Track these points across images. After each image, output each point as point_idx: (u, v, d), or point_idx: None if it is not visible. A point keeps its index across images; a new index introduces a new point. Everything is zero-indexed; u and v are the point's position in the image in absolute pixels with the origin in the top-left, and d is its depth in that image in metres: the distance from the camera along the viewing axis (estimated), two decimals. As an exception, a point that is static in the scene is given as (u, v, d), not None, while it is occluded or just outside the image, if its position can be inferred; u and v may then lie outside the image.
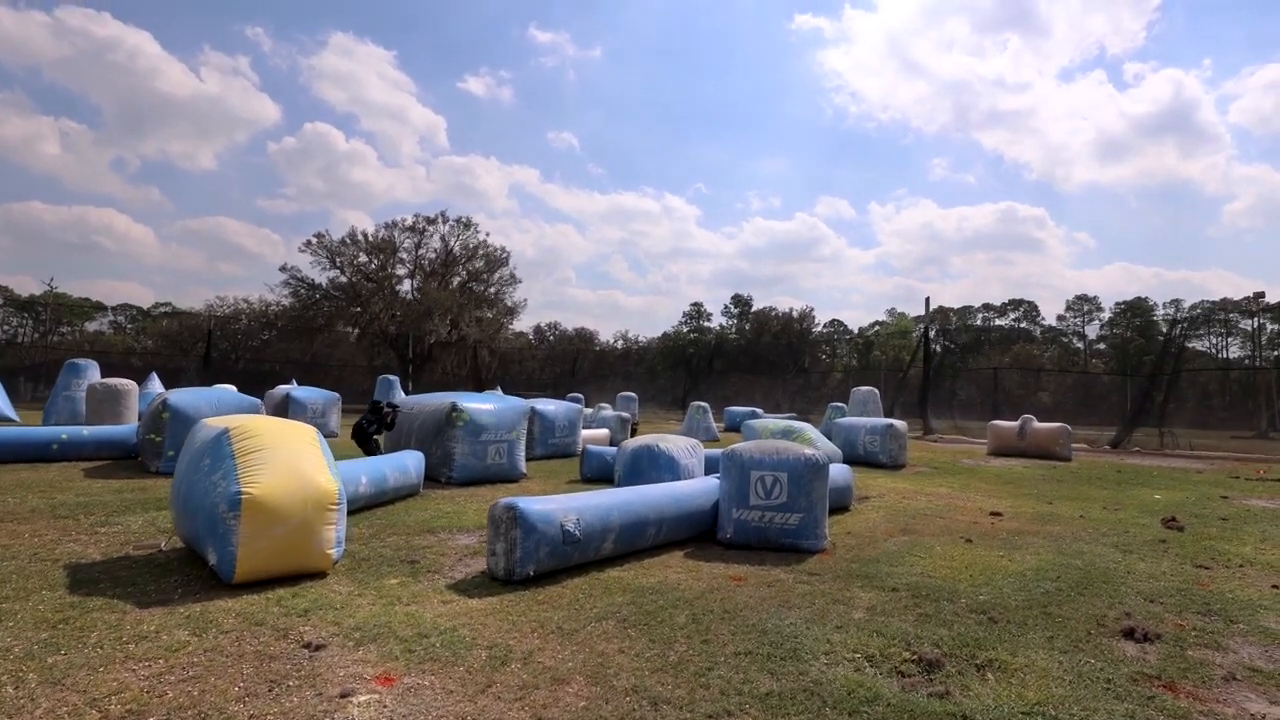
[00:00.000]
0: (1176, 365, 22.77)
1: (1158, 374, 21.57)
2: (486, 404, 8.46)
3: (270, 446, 4.11)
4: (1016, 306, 53.91)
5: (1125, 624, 3.36)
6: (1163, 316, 46.98)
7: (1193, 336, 44.12)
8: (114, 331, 57.14)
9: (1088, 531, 5.97)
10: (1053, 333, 50.90)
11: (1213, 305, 46.05)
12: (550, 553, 4.06)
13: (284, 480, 3.93)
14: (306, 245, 35.65)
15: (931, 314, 52.83)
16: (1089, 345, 49.78)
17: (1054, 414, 26.73)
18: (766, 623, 3.35)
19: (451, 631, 3.18)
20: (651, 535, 4.76)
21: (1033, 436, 13.60)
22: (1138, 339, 45.25)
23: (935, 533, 5.77)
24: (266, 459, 4.00)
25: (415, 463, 7.05)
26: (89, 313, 57.55)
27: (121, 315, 60.51)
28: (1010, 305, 54.25)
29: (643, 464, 6.11)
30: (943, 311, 52.75)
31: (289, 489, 3.91)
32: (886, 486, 8.78)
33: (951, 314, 53.61)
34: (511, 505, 4.03)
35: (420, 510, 6.27)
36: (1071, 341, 50.42)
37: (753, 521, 4.96)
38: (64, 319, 55.89)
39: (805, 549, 4.87)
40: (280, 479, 3.91)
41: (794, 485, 4.90)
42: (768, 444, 5.15)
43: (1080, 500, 8.00)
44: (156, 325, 51.90)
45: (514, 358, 45.10)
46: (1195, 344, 44.27)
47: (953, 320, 52.53)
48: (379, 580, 4.01)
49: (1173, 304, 48.84)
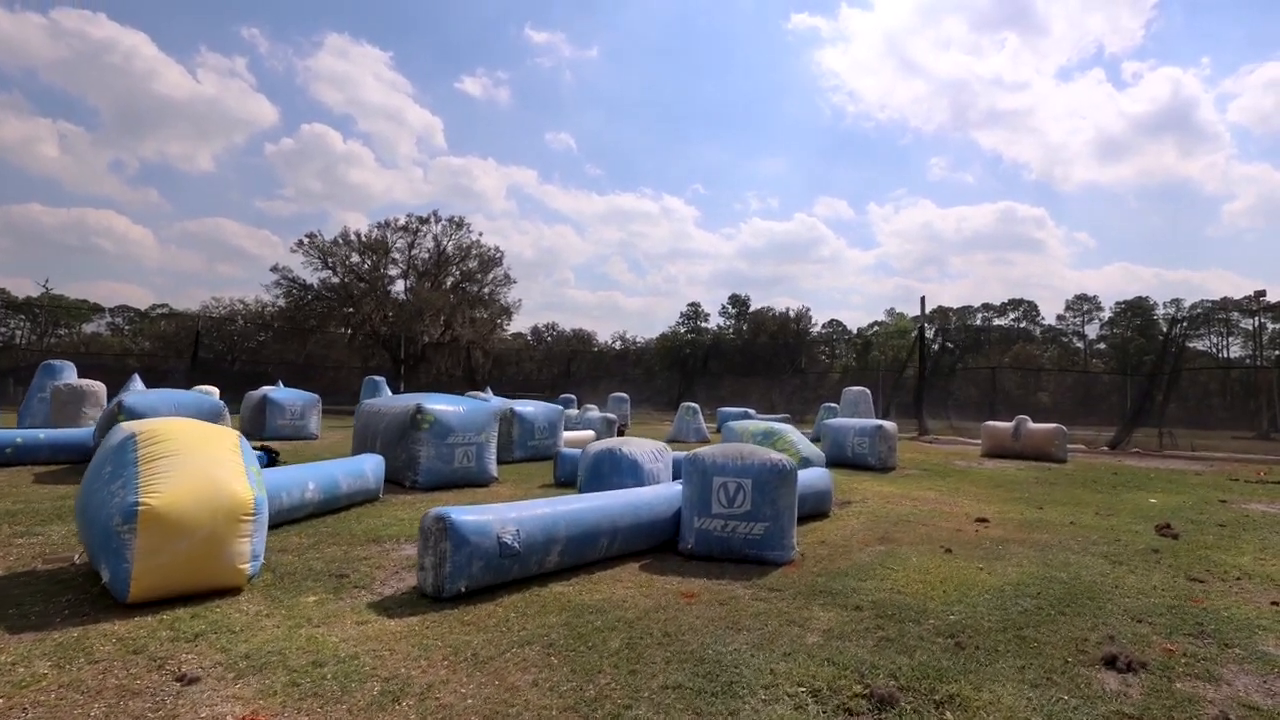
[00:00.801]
0: (1177, 365, 22.40)
1: (1157, 373, 21.20)
2: (453, 405, 8.13)
3: (179, 452, 3.78)
4: (1016, 306, 53.54)
5: (1107, 650, 3.01)
6: (1163, 316, 46.60)
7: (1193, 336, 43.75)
8: (111, 333, 56.92)
9: (1077, 540, 5.62)
10: (1053, 332, 50.52)
11: (1213, 305, 45.64)
12: (485, 567, 3.73)
13: (190, 489, 3.59)
14: (299, 245, 35.37)
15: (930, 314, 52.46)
16: (1089, 345, 49.40)
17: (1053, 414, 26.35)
18: (708, 649, 3.01)
19: (351, 660, 2.84)
20: (604, 546, 4.42)
21: (1027, 438, 13.25)
22: (1138, 339, 44.86)
23: (914, 541, 5.42)
24: (173, 466, 3.67)
25: (374, 467, 6.72)
26: (86, 314, 57.35)
27: (119, 317, 60.32)
28: (1010, 305, 53.88)
29: (604, 469, 5.77)
30: (942, 312, 52.39)
31: (195, 499, 3.57)
32: (872, 490, 8.44)
33: (951, 314, 53.24)
34: (442, 516, 3.70)
35: (374, 517, 5.94)
36: (1071, 341, 50.04)
37: (715, 531, 4.62)
38: (61, 321, 55.70)
39: (771, 561, 4.53)
40: (186, 488, 3.58)
41: (758, 493, 4.56)
42: (732, 448, 4.81)
43: (1072, 505, 7.65)
44: (154, 327, 51.67)
45: (511, 359, 44.75)
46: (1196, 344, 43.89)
47: (952, 320, 52.16)
48: (296, 598, 3.68)
49: (1173, 303, 48.47)
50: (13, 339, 53.11)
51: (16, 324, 54.95)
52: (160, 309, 58.69)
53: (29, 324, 54.33)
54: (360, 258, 36.13)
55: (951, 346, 49.03)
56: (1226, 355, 44.39)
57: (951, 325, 50.64)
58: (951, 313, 53.33)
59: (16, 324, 54.95)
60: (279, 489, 5.38)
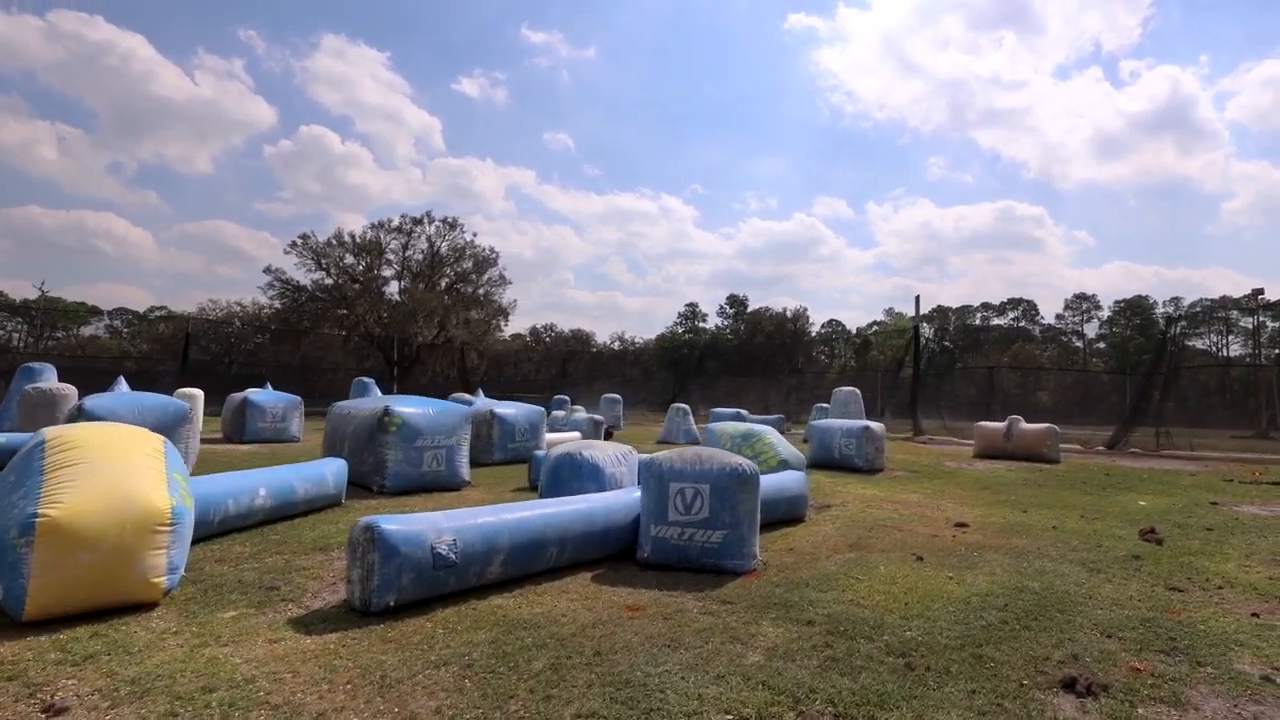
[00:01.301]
0: (1175, 363, 22.13)
1: (1155, 372, 20.92)
2: (422, 407, 7.91)
3: (90, 460, 3.56)
4: (1015, 305, 53.27)
5: (1068, 672, 2.78)
6: (1162, 315, 46.27)
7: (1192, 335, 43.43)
8: (110, 336, 56.79)
9: (1056, 546, 5.38)
10: (1052, 332, 50.23)
11: (1212, 303, 45.34)
12: (417, 580, 3.51)
13: (97, 499, 3.38)
14: (292, 246, 35.20)
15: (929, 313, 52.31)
16: (1088, 344, 49.10)
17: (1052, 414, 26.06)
18: (637, 670, 2.78)
19: (246, 685, 2.62)
20: (552, 556, 4.19)
21: (1020, 438, 13.01)
22: (1137, 338, 44.55)
23: (887, 548, 5.19)
24: (80, 474, 3.45)
25: (334, 471, 6.50)
26: (84, 317, 57.25)
27: (117, 320, 60.24)
28: (1009, 304, 53.61)
29: (564, 473, 5.55)
30: (941, 311, 52.14)
31: (103, 509, 3.35)
32: (854, 493, 8.21)
33: (950, 314, 52.97)
34: (370, 526, 3.48)
35: (329, 524, 5.72)
36: (1071, 341, 49.75)
37: (672, 539, 4.39)
38: (58, 323, 55.57)
39: (729, 570, 4.31)
40: (91, 498, 3.36)
41: (717, 499, 4.34)
42: (690, 452, 4.58)
43: (1058, 508, 7.41)
44: (152, 329, 51.53)
45: (509, 360, 44.54)
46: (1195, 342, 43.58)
47: (951, 320, 51.89)
48: (213, 613, 3.46)
49: (1172, 302, 48.15)
50: (9, 341, 53.04)
51: (14, 326, 54.91)
52: (158, 311, 58.61)
53: (26, 326, 54.27)
54: (354, 259, 35.95)
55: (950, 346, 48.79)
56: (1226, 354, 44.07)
57: (950, 325, 50.40)
58: (951, 312, 53.08)
59: (14, 326, 54.91)
60: (226, 495, 5.17)
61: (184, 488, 3.91)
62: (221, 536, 5.14)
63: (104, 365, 38.22)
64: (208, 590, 3.84)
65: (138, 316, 58.97)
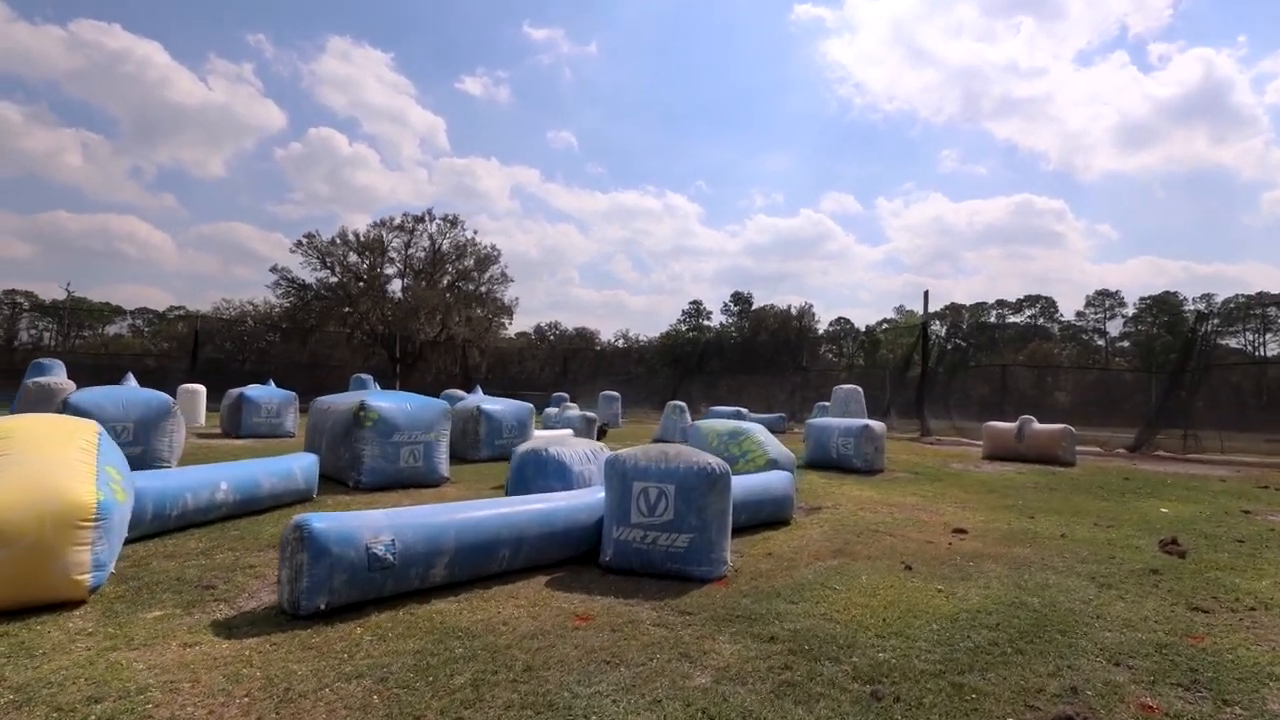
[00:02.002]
0: (1205, 362, 21.34)
1: (1183, 371, 20.17)
2: (400, 402, 7.70)
3: (14, 452, 3.38)
4: (1033, 302, 52.13)
5: (1063, 709, 2.45)
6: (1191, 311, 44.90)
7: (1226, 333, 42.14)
8: (132, 334, 57.80)
9: (1063, 556, 5.02)
10: (1071, 329, 49.06)
11: (1248, 299, 43.82)
12: (350, 582, 3.26)
13: (15, 493, 3.18)
14: (297, 246, 35.40)
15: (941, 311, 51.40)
16: (1110, 343, 47.90)
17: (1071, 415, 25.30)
18: (565, 690, 2.51)
19: (138, 695, 2.39)
20: (505, 558, 3.93)
21: (1032, 439, 12.54)
22: (1164, 336, 43.31)
23: (873, 555, 4.87)
24: (2, 467, 3.25)
25: (304, 466, 6.30)
26: (109, 317, 58.34)
27: (139, 319, 61.33)
28: (1026, 301, 52.48)
29: (529, 471, 5.29)
30: (954, 308, 51.21)
31: (19, 505, 3.15)
32: (848, 495, 7.87)
33: (963, 311, 52.00)
34: (300, 524, 3.24)
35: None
36: (1092, 339, 48.59)
37: (634, 542, 4.11)
38: (84, 323, 56.70)
39: (695, 577, 4.02)
40: (10, 491, 3.17)
41: (682, 500, 4.05)
42: (656, 450, 4.29)
43: (1069, 514, 7.01)
44: (171, 328, 52.34)
45: (514, 358, 44.48)
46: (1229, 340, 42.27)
47: (964, 317, 50.94)
48: (138, 612, 3.25)
49: (1203, 298, 46.76)
50: (40, 340, 54.19)
51: (45, 326, 56.11)
52: (176, 311, 59.47)
53: (56, 326, 55.46)
54: (358, 257, 36.04)
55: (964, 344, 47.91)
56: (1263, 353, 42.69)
57: (964, 322, 49.47)
58: (964, 309, 52.09)
59: (45, 326, 56.11)
60: (184, 489, 4.99)
61: (118, 482, 3.71)
62: (180, 531, 4.96)
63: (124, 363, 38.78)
64: (141, 588, 3.63)
65: (158, 316, 60.02)
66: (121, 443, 7.41)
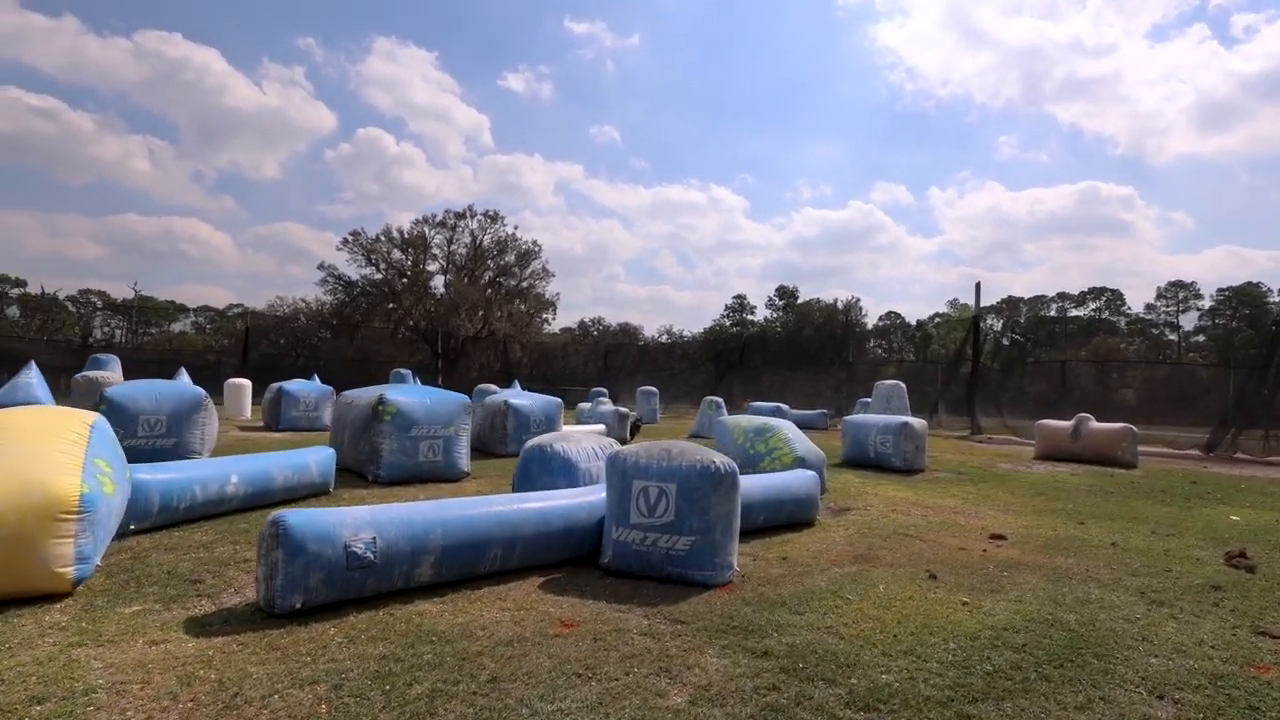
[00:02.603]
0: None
1: (1266, 366, 18.66)
2: (419, 396, 7.66)
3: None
4: (1098, 295, 49.47)
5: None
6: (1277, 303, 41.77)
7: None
8: (195, 331, 60.76)
9: (1111, 568, 4.56)
10: (1141, 324, 46.32)
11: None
12: (327, 580, 3.14)
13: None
14: (343, 244, 36.33)
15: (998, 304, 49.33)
16: (1184, 337, 45.02)
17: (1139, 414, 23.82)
18: (526, 705, 2.31)
19: (84, 696, 2.30)
20: (497, 558, 3.76)
21: (1089, 438, 11.75)
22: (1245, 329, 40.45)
23: (898, 562, 4.51)
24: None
25: (320, 459, 6.29)
26: (173, 314, 61.47)
27: (201, 316, 64.39)
28: (1090, 294, 49.84)
29: (533, 468, 5.11)
30: (1011, 302, 49.04)
31: (1, 495, 3.13)
32: (882, 495, 7.45)
33: (1021, 304, 49.76)
34: (276, 520, 3.13)
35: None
36: (1163, 333, 45.81)
37: (634, 544, 3.88)
38: (151, 320, 59.89)
39: (696, 582, 3.76)
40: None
41: (684, 500, 3.79)
42: (658, 447, 4.05)
43: (1125, 520, 6.46)
44: (230, 325, 54.81)
45: (558, 353, 44.73)
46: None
47: (1023, 311, 48.74)
48: (117, 607, 3.20)
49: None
50: (112, 337, 57.49)
51: (116, 324, 59.49)
52: (235, 308, 62.15)
53: (126, 324, 58.74)
54: (402, 254, 36.76)
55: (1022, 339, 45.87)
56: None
57: (1021, 316, 47.32)
58: (1022, 303, 49.83)
59: (116, 324, 59.49)
60: (192, 482, 4.99)
61: (106, 474, 3.68)
62: (191, 524, 4.98)
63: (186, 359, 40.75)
64: (129, 581, 3.60)
65: (218, 313, 62.86)
66: (154, 435, 7.61)
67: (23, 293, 52.65)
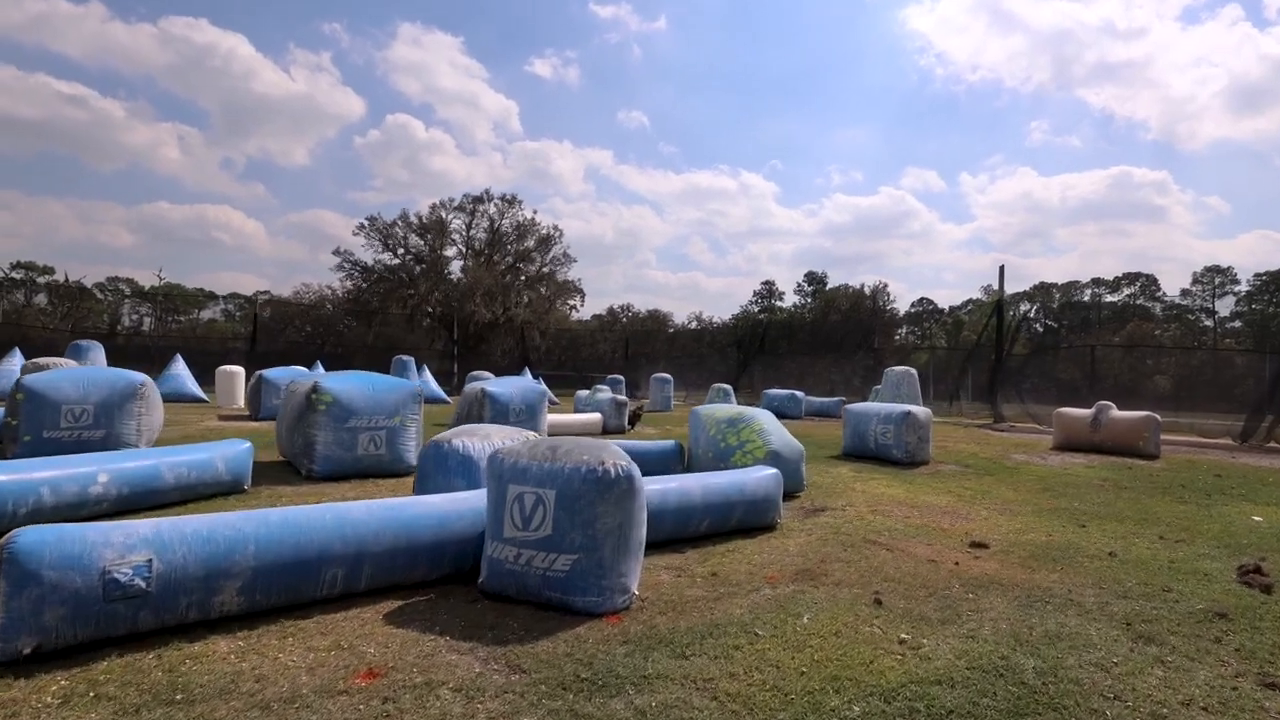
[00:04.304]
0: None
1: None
2: (360, 384, 7.06)
3: None
4: (1132, 280, 47.23)
5: None
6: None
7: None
8: (225, 319, 61.48)
9: (1100, 587, 3.78)
10: (1176, 309, 44.12)
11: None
12: (74, 616, 2.50)
13: None
14: (360, 228, 36.08)
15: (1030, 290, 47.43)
16: (1220, 323, 42.77)
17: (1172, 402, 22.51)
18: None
19: None
20: (337, 579, 3.13)
21: (1110, 428, 10.77)
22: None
23: (848, 580, 3.78)
24: None
25: (230, 455, 5.74)
26: (202, 301, 62.30)
27: (230, 304, 65.13)
28: (1125, 279, 47.60)
29: (428, 466, 4.45)
30: (1043, 288, 47.10)
31: None
32: (869, 493, 6.69)
33: (1054, 290, 47.75)
34: (6, 540, 2.52)
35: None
36: (1198, 319, 43.59)
37: (508, 562, 3.22)
38: (179, 307, 60.78)
39: (578, 610, 3.09)
40: None
41: (563, 510, 3.11)
42: (544, 445, 3.37)
43: (1134, 522, 5.61)
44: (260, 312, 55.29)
45: (586, 340, 44.20)
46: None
47: (1055, 297, 46.80)
48: None
49: (1334, 272, 40.98)
50: (140, 325, 58.45)
51: (145, 311, 60.45)
52: (263, 295, 62.84)
53: (155, 311, 59.66)
54: (419, 239, 36.40)
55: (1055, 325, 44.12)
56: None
57: (1054, 302, 45.43)
58: (1055, 289, 47.81)
59: (145, 311, 60.45)
60: (36, 485, 4.34)
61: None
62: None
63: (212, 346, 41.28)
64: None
65: (247, 300, 63.52)
66: (80, 426, 7.14)
67: (50, 280, 53.72)
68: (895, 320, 45.24)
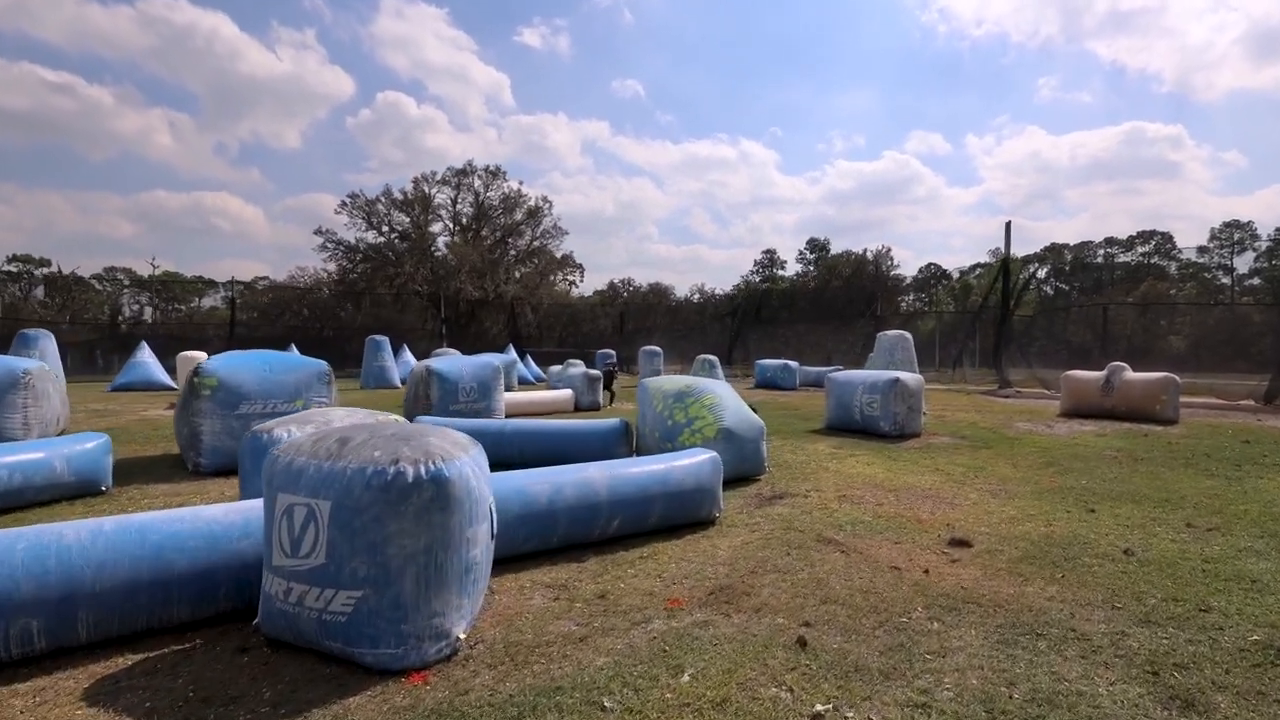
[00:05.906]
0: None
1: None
2: (254, 366, 6.17)
3: None
4: (1146, 239, 45.46)
5: None
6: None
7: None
8: (225, 306, 60.89)
9: (1115, 605, 2.84)
10: (1192, 268, 42.42)
11: None
12: None
13: None
14: (342, 206, 35.02)
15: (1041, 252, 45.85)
16: (1238, 280, 41.12)
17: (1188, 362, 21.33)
18: None
19: None
20: (35, 632, 2.24)
21: (1123, 391, 9.75)
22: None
23: (773, 604, 2.86)
24: None
25: (75, 453, 4.86)
26: (201, 289, 61.72)
27: (231, 290, 64.47)
28: (1139, 238, 45.82)
29: (247, 464, 3.57)
30: (1055, 249, 45.48)
31: None
32: (842, 474, 5.76)
33: (1066, 250, 46.12)
34: None
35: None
36: (1215, 276, 41.94)
37: (278, 599, 2.31)
38: (178, 296, 60.27)
39: (370, 666, 2.19)
40: None
41: (339, 529, 2.20)
42: (332, 437, 2.44)
43: (1153, 503, 4.65)
44: (259, 298, 54.63)
45: (586, 315, 43.16)
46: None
47: (1066, 258, 45.20)
48: None
49: (1360, 224, 39.09)
50: (140, 315, 58.00)
51: (145, 301, 59.98)
52: (262, 280, 62.07)
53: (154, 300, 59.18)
54: (403, 215, 35.30)
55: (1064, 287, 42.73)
56: None
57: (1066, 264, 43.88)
58: (1066, 249, 46.18)
59: (145, 301, 59.98)
60: None
61: None
62: None
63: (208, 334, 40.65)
64: None
65: (246, 287, 62.85)
66: (-48, 421, 6.33)
67: (47, 272, 53.11)
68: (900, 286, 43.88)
